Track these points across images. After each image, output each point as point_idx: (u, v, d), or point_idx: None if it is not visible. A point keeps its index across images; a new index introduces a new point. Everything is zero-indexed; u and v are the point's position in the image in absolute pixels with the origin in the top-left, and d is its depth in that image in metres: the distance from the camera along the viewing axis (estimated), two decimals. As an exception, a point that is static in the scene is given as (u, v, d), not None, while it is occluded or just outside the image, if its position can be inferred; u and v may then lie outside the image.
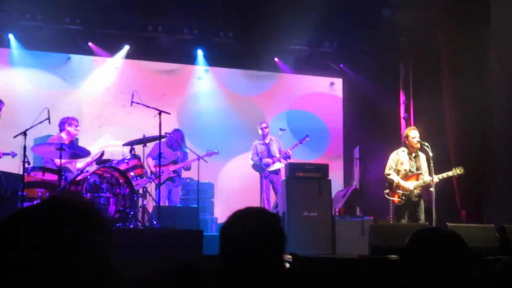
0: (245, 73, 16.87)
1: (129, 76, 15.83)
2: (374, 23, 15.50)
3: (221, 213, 14.45)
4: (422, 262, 3.19)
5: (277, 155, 13.84)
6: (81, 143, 12.71)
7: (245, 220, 3.08)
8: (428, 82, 14.23)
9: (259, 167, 13.85)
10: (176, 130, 13.56)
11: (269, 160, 13.69)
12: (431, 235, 3.36)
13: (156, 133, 11.83)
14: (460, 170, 11.35)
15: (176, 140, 13.41)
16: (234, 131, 16.17)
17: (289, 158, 13.72)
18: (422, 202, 11.41)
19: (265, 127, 14.14)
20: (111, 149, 13.02)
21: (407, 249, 3.33)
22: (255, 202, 13.73)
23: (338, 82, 17.33)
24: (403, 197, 11.29)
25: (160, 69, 16.39)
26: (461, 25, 13.00)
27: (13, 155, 11.56)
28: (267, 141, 14.08)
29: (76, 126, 12.11)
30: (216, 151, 13.52)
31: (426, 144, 11.24)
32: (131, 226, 10.48)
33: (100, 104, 15.60)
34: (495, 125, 13.13)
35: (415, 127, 11.91)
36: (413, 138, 11.39)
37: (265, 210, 3.10)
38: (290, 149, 13.83)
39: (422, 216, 11.30)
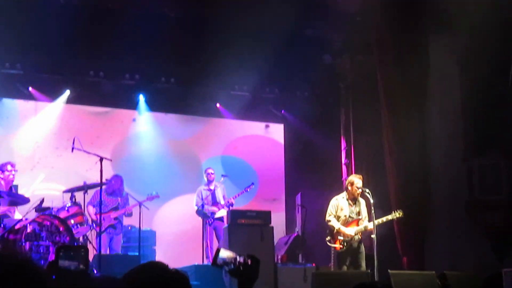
0: (180, 117, 16.81)
1: (69, 120, 15.66)
2: (315, 69, 15.62)
3: (162, 260, 14.26)
4: None
5: (222, 202, 13.82)
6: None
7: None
8: (369, 127, 14.34)
9: (202, 213, 13.79)
10: (116, 176, 13.48)
11: (215, 209, 13.66)
12: None
13: (92, 177, 11.75)
14: (399, 214, 11.45)
15: (116, 186, 13.32)
16: (170, 175, 16.12)
17: (232, 206, 13.70)
18: (363, 248, 11.46)
19: (211, 173, 14.14)
20: (46, 192, 12.79)
21: None
22: (197, 248, 13.69)
23: (280, 127, 17.36)
24: (345, 243, 11.33)
25: (97, 112, 16.23)
26: (401, 70, 13.16)
27: None
28: (212, 187, 14.05)
29: (10, 171, 11.97)
30: (156, 194, 13.43)
31: (367, 190, 11.33)
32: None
33: (36, 148, 15.36)
34: (435, 169, 13.29)
35: (359, 176, 11.96)
36: (356, 185, 11.47)
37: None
38: (234, 198, 13.82)
39: (363, 263, 11.34)
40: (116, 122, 16.39)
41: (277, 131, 17.38)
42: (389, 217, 11.46)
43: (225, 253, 3.65)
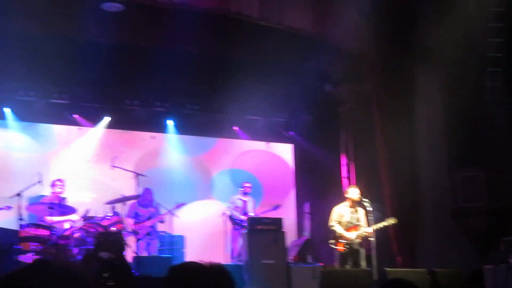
0: (202, 138, 16.89)
1: (109, 143, 15.77)
2: (318, 96, 15.74)
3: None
4: None
5: (251, 214, 13.78)
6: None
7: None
8: (366, 145, 14.37)
9: (233, 219, 13.82)
10: (147, 189, 13.48)
11: (244, 218, 13.59)
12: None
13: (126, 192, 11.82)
14: (393, 220, 11.51)
15: (148, 198, 13.37)
16: (192, 186, 16.29)
17: None
18: (363, 250, 11.49)
19: (249, 187, 14.13)
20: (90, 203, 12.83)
21: None
22: (221, 250, 13.71)
23: (289, 147, 17.44)
24: (346, 246, 11.38)
25: (131, 135, 16.36)
26: (391, 96, 13.30)
27: (7, 208, 11.46)
28: (245, 199, 14.06)
29: (60, 186, 12.09)
30: (183, 202, 13.48)
31: (366, 200, 11.40)
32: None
33: (80, 166, 15.45)
34: (423, 181, 13.37)
35: (355, 186, 12.08)
36: (352, 194, 11.56)
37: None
38: (262, 213, 13.78)
39: (364, 262, 11.36)
40: (146, 143, 16.46)
41: (286, 150, 17.43)
42: (385, 223, 11.51)
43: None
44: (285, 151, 17.45)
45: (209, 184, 16.64)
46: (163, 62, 13.68)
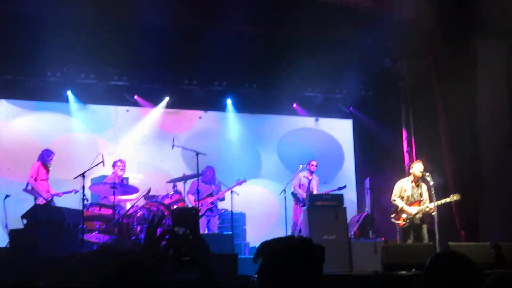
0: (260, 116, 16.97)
1: (169, 123, 15.91)
2: (377, 72, 15.58)
3: (252, 238, 14.39)
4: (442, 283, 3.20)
5: (315, 191, 13.73)
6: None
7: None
8: (426, 120, 14.22)
9: (296, 196, 13.81)
10: (208, 167, 13.59)
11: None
12: (449, 259, 3.36)
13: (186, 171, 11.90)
14: (456, 197, 11.37)
15: (209, 175, 13.45)
16: (253, 162, 16.45)
17: None
18: (424, 225, 11.39)
19: (314, 165, 14.07)
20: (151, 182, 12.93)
21: (428, 271, 3.33)
22: (281, 227, 13.70)
23: (349, 123, 17.31)
24: (407, 220, 11.30)
25: (191, 114, 16.49)
26: (451, 70, 13.06)
27: (75, 192, 11.70)
28: (310, 177, 14.02)
29: (120, 167, 12.27)
30: (243, 179, 13.53)
31: (428, 174, 11.27)
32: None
33: (141, 146, 15.65)
34: (485, 152, 13.12)
35: (419, 161, 11.94)
36: (419, 170, 11.45)
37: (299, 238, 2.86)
38: (327, 192, 13.71)
39: (425, 237, 11.30)
40: (206, 122, 16.56)
41: (346, 126, 17.31)
42: (448, 199, 11.40)
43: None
44: (345, 127, 17.30)
45: (268, 161, 16.66)
46: (221, 42, 13.70)
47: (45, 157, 12.26)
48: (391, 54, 15.02)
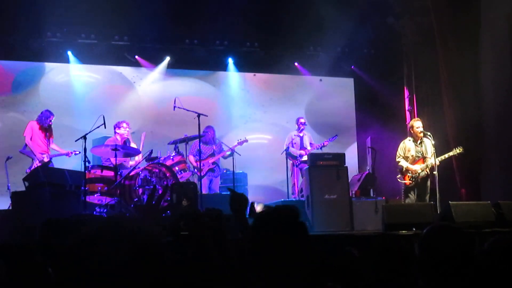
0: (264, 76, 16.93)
1: (170, 83, 15.90)
2: (380, 29, 15.49)
3: (254, 198, 14.44)
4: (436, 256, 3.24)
5: (308, 147, 13.79)
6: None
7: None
8: (429, 78, 14.16)
9: (291, 155, 13.85)
10: (209, 127, 13.58)
11: (302, 152, 13.60)
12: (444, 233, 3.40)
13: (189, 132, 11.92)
14: (459, 150, 11.41)
15: (209, 136, 13.47)
16: (254, 123, 16.53)
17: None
18: (428, 183, 11.43)
19: (303, 123, 14.07)
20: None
21: (423, 243, 3.37)
22: (283, 186, 13.77)
23: (350, 81, 17.25)
24: (413, 179, 11.35)
25: (192, 74, 16.43)
26: (455, 27, 12.97)
27: (76, 153, 11.76)
28: (301, 134, 14.04)
29: (125, 128, 12.23)
30: (245, 139, 13.57)
31: (429, 133, 11.31)
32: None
33: (144, 107, 15.66)
34: (487, 109, 13.08)
35: (418, 119, 12.01)
36: (417, 128, 11.51)
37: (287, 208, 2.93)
38: (319, 146, 13.75)
39: (427, 196, 11.32)
40: (206, 83, 16.52)
41: (348, 85, 17.25)
42: (451, 153, 11.46)
43: (258, 207, 3.65)
44: (346, 85, 17.25)
45: (269, 121, 16.64)
46: (221, 0, 13.63)
47: (43, 118, 12.24)
48: (394, 11, 14.90)
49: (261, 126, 16.58)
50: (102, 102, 14.91)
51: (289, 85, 16.98)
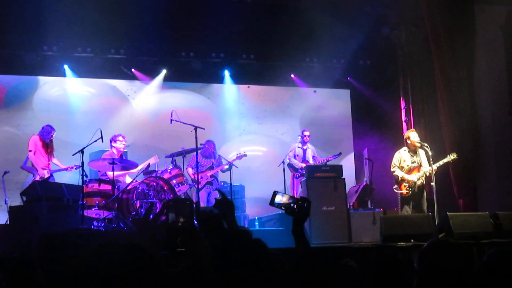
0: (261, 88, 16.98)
1: (166, 96, 15.93)
2: (375, 41, 15.53)
3: (251, 210, 14.47)
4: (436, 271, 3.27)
5: (311, 161, 13.79)
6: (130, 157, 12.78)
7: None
8: (424, 89, 14.23)
9: (292, 167, 13.87)
10: (208, 141, 13.62)
11: (303, 165, 13.58)
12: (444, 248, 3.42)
13: (192, 145, 11.91)
14: (454, 155, 11.46)
15: (209, 149, 13.48)
16: (251, 136, 16.52)
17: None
18: (425, 194, 11.45)
19: (307, 135, 14.07)
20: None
21: (423, 257, 3.38)
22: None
23: (346, 92, 17.28)
24: (410, 189, 11.35)
25: (188, 87, 16.46)
26: (450, 37, 13.02)
27: (77, 167, 11.75)
28: (305, 147, 14.05)
29: (122, 141, 12.21)
30: (244, 153, 13.59)
31: (426, 144, 11.31)
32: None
33: (141, 120, 15.67)
34: (483, 122, 13.12)
35: (414, 129, 12.03)
36: (413, 138, 11.48)
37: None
38: (323, 160, 13.71)
39: (425, 207, 11.36)
40: (202, 95, 16.54)
41: (344, 96, 17.28)
42: (446, 160, 11.49)
43: (281, 197, 3.67)
44: (343, 96, 17.28)
45: (266, 133, 16.65)
46: (218, 12, 13.68)
47: (44, 133, 12.25)
48: (389, 21, 14.95)
49: (256, 138, 16.58)
50: (98, 116, 14.91)
51: (284, 97, 17.01)
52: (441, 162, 11.37)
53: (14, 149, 13.19)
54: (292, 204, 3.63)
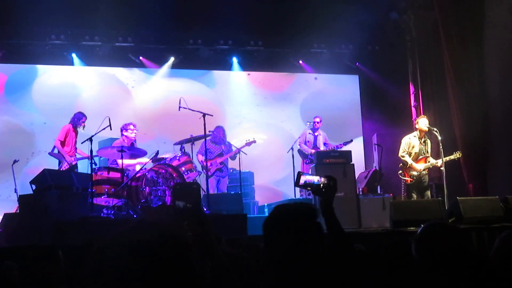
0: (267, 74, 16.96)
1: (174, 83, 15.91)
2: (383, 26, 15.47)
3: (261, 197, 14.49)
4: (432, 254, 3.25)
5: (322, 147, 13.75)
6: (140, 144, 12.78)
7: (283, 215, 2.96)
8: (434, 74, 14.16)
9: (302, 153, 13.85)
10: (218, 127, 13.59)
11: (313, 151, 13.53)
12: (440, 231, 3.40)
13: (200, 132, 11.92)
14: (459, 154, 11.51)
15: (219, 136, 13.46)
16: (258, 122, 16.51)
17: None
18: (429, 185, 11.52)
19: (318, 122, 14.04)
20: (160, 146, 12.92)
21: (419, 241, 3.37)
22: (290, 184, 13.72)
23: (355, 78, 17.24)
24: (414, 177, 11.36)
25: (196, 74, 16.47)
26: (459, 21, 12.97)
27: (87, 157, 11.76)
28: (316, 134, 14.02)
29: (132, 130, 12.19)
30: (253, 140, 13.57)
31: (435, 129, 11.27)
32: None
33: (150, 107, 15.67)
34: (493, 104, 13.05)
35: (424, 116, 11.97)
36: (423, 124, 11.45)
37: (302, 205, 2.97)
38: (335, 147, 13.62)
39: (428, 193, 11.44)
40: (210, 82, 16.54)
41: (353, 81, 17.24)
42: (452, 156, 11.50)
43: (307, 177, 3.65)
44: (351, 83, 17.23)
45: (275, 119, 16.64)
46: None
47: (76, 120, 12.32)
48: (398, 6, 14.90)
49: (258, 125, 16.53)
50: (106, 104, 14.91)
51: (294, 83, 16.98)
52: (447, 158, 11.37)
53: (17, 138, 13.16)
54: (318, 183, 3.59)
